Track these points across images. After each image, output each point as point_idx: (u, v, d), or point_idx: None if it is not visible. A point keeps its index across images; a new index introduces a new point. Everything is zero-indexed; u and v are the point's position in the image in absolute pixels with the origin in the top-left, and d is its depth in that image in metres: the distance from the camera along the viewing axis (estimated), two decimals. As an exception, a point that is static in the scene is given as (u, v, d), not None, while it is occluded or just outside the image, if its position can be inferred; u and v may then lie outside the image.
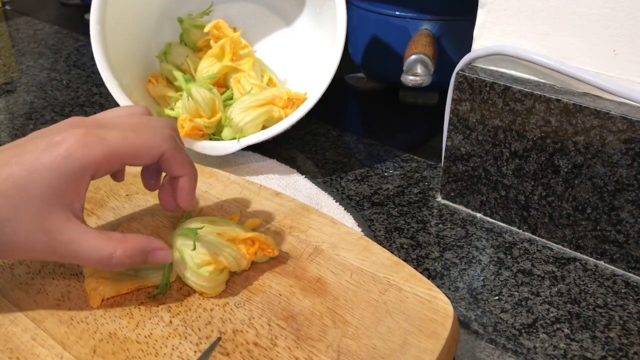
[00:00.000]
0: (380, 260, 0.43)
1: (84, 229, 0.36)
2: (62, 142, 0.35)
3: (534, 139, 0.47)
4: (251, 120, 0.58)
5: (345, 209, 0.54)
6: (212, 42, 0.66)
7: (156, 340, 0.37)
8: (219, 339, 0.37)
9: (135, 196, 0.50)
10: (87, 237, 0.36)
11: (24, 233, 0.34)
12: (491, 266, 0.47)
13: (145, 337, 0.37)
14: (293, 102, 0.60)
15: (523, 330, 0.41)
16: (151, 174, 0.43)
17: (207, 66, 0.64)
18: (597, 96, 0.45)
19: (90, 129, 0.36)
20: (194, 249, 0.39)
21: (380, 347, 0.36)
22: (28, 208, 0.34)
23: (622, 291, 0.44)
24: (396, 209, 0.54)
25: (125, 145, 0.37)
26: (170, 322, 0.38)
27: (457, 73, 0.50)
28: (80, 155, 0.35)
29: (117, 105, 0.61)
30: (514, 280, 0.46)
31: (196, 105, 0.58)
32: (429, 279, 0.42)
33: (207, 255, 0.39)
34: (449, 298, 0.40)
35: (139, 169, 0.44)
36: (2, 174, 0.34)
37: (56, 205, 0.35)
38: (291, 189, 0.56)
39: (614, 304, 0.43)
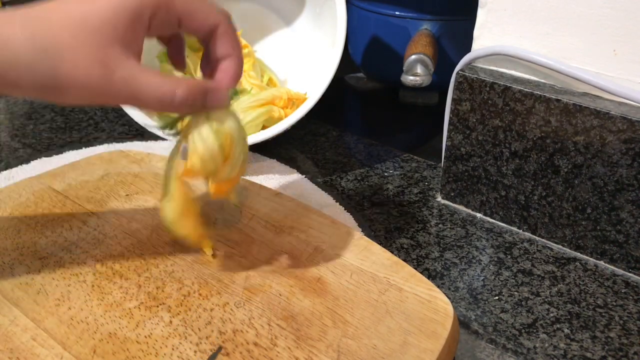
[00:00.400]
0: (380, 260, 0.43)
1: (145, 68, 0.35)
2: None
3: (534, 139, 0.47)
4: (251, 120, 0.58)
5: (345, 209, 0.54)
6: (212, 42, 0.66)
7: (156, 340, 0.37)
8: (220, 348, 0.37)
9: (135, 196, 0.50)
10: (148, 75, 0.35)
11: (82, 63, 0.33)
12: (491, 266, 0.47)
13: (145, 337, 0.37)
14: (293, 102, 0.60)
15: (523, 330, 0.41)
16: (178, 50, 0.42)
17: (207, 66, 0.64)
18: (597, 96, 0.45)
19: None
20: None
21: (380, 347, 0.36)
22: (88, 39, 0.33)
23: (622, 291, 0.44)
24: (396, 209, 0.54)
25: (188, 7, 0.36)
26: (170, 322, 0.38)
27: (457, 73, 0.50)
28: None
29: (117, 105, 0.61)
30: (514, 280, 0.46)
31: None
32: (429, 279, 0.42)
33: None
34: (449, 298, 0.40)
35: (138, 169, 0.43)
36: (62, 6, 0.34)
37: (116, 41, 0.34)
38: (291, 189, 0.56)
39: (614, 304, 0.43)
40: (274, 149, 0.63)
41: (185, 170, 0.38)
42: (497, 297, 0.44)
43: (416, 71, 0.56)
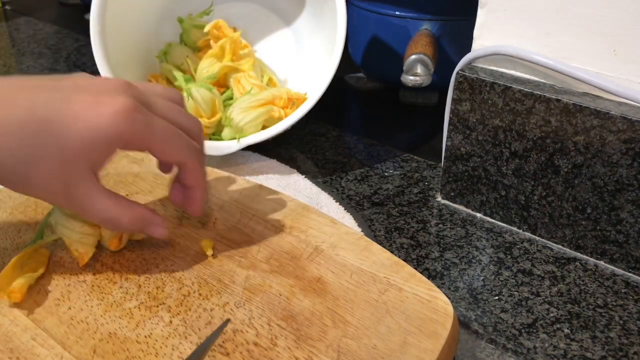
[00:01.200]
0: (380, 260, 0.43)
1: (101, 189, 0.38)
2: (110, 106, 0.35)
3: (534, 139, 0.47)
4: (251, 120, 0.58)
5: (345, 209, 0.54)
6: (212, 42, 0.66)
7: (156, 340, 0.37)
8: (228, 320, 0.38)
9: (135, 196, 0.50)
10: (101, 196, 0.38)
11: (46, 175, 0.36)
12: (491, 266, 0.47)
13: (145, 337, 0.37)
14: (293, 102, 0.60)
15: (523, 330, 0.41)
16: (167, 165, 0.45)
17: (207, 66, 0.64)
18: (597, 96, 0.45)
19: (139, 105, 0.37)
20: None
21: (380, 347, 0.36)
22: (57, 154, 0.35)
23: (622, 291, 0.44)
24: (396, 209, 0.54)
25: (161, 139, 0.38)
26: (170, 322, 0.38)
27: (457, 73, 0.50)
28: (123, 127, 0.36)
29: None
30: (514, 280, 0.46)
31: (196, 105, 0.58)
32: (429, 279, 0.42)
33: None
34: (449, 298, 0.40)
35: (138, 169, 0.44)
36: (40, 113, 0.35)
37: (82, 160, 0.36)
38: (291, 189, 0.56)
39: (614, 304, 0.43)
40: (274, 149, 0.63)
41: None
42: (497, 297, 0.44)
43: (416, 71, 0.56)
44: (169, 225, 0.47)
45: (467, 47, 0.51)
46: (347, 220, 0.52)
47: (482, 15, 0.49)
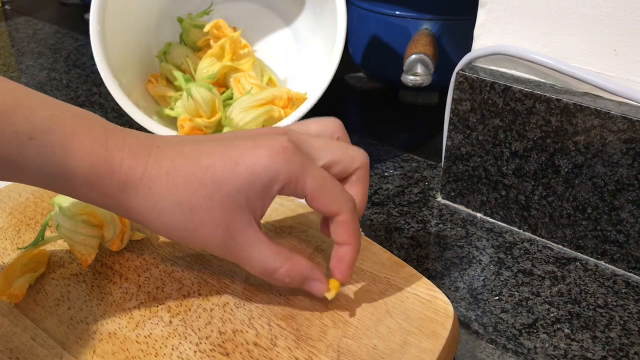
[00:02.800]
0: (381, 260, 0.43)
1: (261, 237, 0.36)
2: (267, 148, 0.35)
3: (534, 138, 0.47)
4: (251, 119, 0.58)
5: (345, 209, 0.53)
6: (212, 41, 0.66)
7: (156, 340, 0.37)
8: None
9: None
10: (262, 246, 0.36)
11: (209, 225, 0.35)
12: (491, 266, 0.47)
13: (145, 337, 0.37)
14: (293, 102, 0.60)
15: (523, 330, 0.41)
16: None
17: (207, 66, 0.64)
18: (598, 96, 0.45)
19: (298, 149, 0.36)
20: None
21: (380, 347, 0.36)
22: (221, 202, 0.34)
23: (623, 291, 0.44)
24: (396, 209, 0.54)
25: (316, 189, 0.36)
26: (170, 322, 0.38)
27: (457, 73, 0.50)
28: (280, 167, 0.35)
29: (115, 104, 0.61)
30: (514, 280, 0.45)
31: (196, 105, 0.58)
32: (429, 279, 0.42)
33: None
34: (449, 298, 0.40)
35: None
36: (204, 162, 0.35)
37: (244, 207, 0.35)
38: (291, 189, 0.56)
39: (615, 304, 0.43)
40: (274, 149, 0.63)
41: None
42: (497, 297, 0.44)
43: (416, 71, 0.56)
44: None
45: (467, 47, 0.51)
46: (347, 220, 0.52)
47: (482, 15, 0.49)
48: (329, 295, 0.37)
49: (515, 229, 0.51)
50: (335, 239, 0.38)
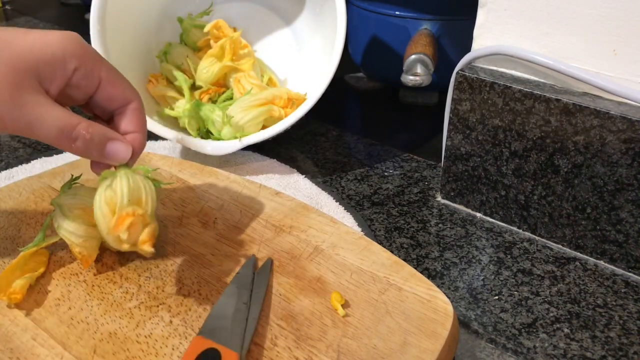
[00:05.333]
0: (380, 260, 0.43)
1: (53, 102, 0.36)
2: (63, 32, 0.37)
3: (534, 138, 0.47)
4: (251, 119, 0.58)
5: (345, 209, 0.54)
6: (212, 42, 0.66)
7: (156, 340, 0.37)
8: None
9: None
10: (54, 107, 0.36)
11: None
12: (491, 266, 0.47)
13: (145, 337, 0.37)
14: (293, 101, 0.60)
15: (523, 330, 0.41)
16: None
17: (207, 66, 0.64)
18: (597, 96, 0.45)
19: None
20: None
21: (380, 347, 0.36)
22: (6, 60, 0.34)
23: (622, 291, 0.44)
24: (396, 209, 0.54)
25: (114, 73, 0.38)
26: (170, 322, 0.38)
27: (457, 73, 0.50)
28: (75, 45, 0.36)
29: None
30: (513, 280, 0.46)
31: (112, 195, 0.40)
32: (429, 278, 0.42)
33: None
34: (449, 298, 0.40)
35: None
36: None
37: (33, 71, 0.35)
38: (291, 189, 0.56)
39: (614, 303, 0.43)
40: (274, 149, 0.63)
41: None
42: (497, 297, 0.44)
43: (416, 71, 0.56)
44: (168, 224, 0.47)
45: (467, 47, 0.51)
46: (347, 220, 0.52)
47: (482, 15, 0.49)
48: (340, 313, 0.38)
49: (515, 228, 0.51)
50: (124, 129, 0.39)
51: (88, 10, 0.61)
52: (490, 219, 0.53)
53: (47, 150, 0.63)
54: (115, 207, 0.38)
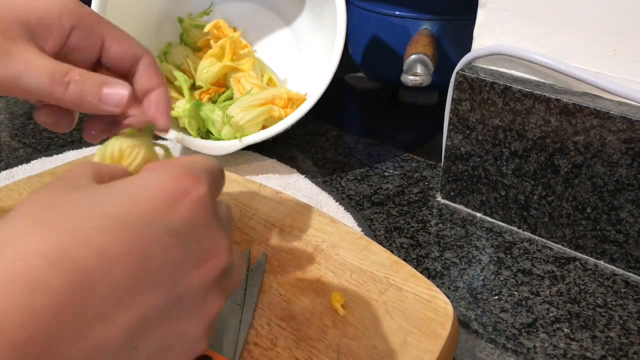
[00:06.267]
0: (380, 260, 0.43)
1: (45, 54, 0.33)
2: None
3: (534, 138, 0.47)
4: (251, 119, 0.58)
5: (345, 209, 0.54)
6: (212, 42, 0.66)
7: (156, 340, 0.37)
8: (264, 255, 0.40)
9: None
10: (46, 57, 0.33)
11: None
12: (491, 266, 0.47)
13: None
14: (293, 101, 0.60)
15: (523, 330, 0.41)
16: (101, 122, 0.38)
17: (207, 66, 0.64)
18: (597, 96, 0.45)
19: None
20: None
21: (380, 347, 0.36)
22: None
23: (622, 291, 0.44)
24: (396, 209, 0.54)
25: (118, 30, 0.36)
26: (171, 321, 0.38)
27: (457, 73, 0.50)
28: (71, 4, 0.34)
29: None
30: (513, 280, 0.46)
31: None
32: (429, 278, 0.42)
33: None
34: (449, 298, 0.40)
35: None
36: None
37: (24, 23, 0.33)
38: (291, 189, 0.56)
39: (614, 303, 0.43)
40: (274, 149, 0.63)
41: None
42: (497, 297, 0.44)
43: (416, 71, 0.56)
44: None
45: (467, 47, 0.51)
46: (347, 219, 0.52)
47: (482, 15, 0.49)
48: (340, 313, 0.38)
49: (515, 228, 0.51)
50: (144, 87, 0.36)
51: (88, 10, 0.61)
52: (490, 219, 0.53)
53: (47, 150, 0.63)
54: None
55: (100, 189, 0.26)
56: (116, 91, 0.34)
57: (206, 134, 0.62)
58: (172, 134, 0.59)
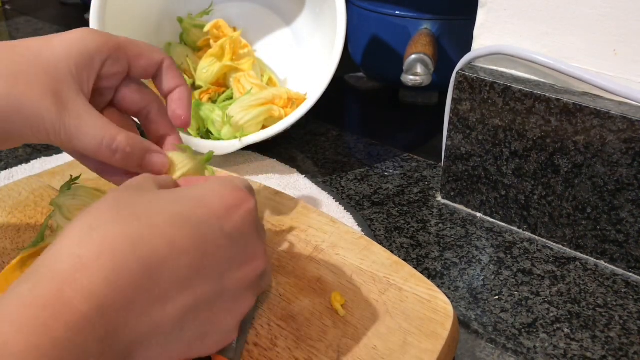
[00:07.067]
0: (380, 260, 0.43)
1: (92, 108, 0.36)
2: (74, 31, 0.37)
3: (534, 138, 0.47)
4: (251, 119, 0.58)
5: (345, 209, 0.54)
6: (212, 41, 0.66)
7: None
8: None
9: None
10: (95, 115, 0.36)
11: (36, 89, 0.34)
12: (491, 266, 0.47)
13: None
14: (293, 101, 0.60)
15: (523, 330, 0.41)
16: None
17: (207, 66, 0.64)
18: (597, 96, 0.45)
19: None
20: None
21: (380, 347, 0.36)
22: (43, 68, 0.34)
23: (622, 291, 0.44)
24: (396, 209, 0.54)
25: (139, 45, 0.39)
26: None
27: (457, 73, 0.50)
28: (97, 38, 0.37)
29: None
30: (514, 280, 0.46)
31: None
32: (429, 278, 0.42)
33: None
34: (449, 298, 0.40)
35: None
36: (15, 42, 0.35)
37: (68, 75, 0.35)
38: (291, 189, 0.56)
39: (614, 303, 0.43)
40: (274, 149, 0.63)
41: None
42: (497, 297, 0.44)
43: (416, 71, 0.56)
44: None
45: (467, 47, 0.51)
46: (347, 219, 0.52)
47: (482, 15, 0.49)
48: (340, 313, 0.38)
49: (515, 228, 0.51)
50: (166, 87, 0.40)
51: (88, 10, 0.61)
52: (491, 219, 0.53)
53: (47, 150, 0.63)
54: None
55: (168, 193, 0.31)
56: (157, 160, 0.38)
57: (206, 134, 0.62)
58: None
